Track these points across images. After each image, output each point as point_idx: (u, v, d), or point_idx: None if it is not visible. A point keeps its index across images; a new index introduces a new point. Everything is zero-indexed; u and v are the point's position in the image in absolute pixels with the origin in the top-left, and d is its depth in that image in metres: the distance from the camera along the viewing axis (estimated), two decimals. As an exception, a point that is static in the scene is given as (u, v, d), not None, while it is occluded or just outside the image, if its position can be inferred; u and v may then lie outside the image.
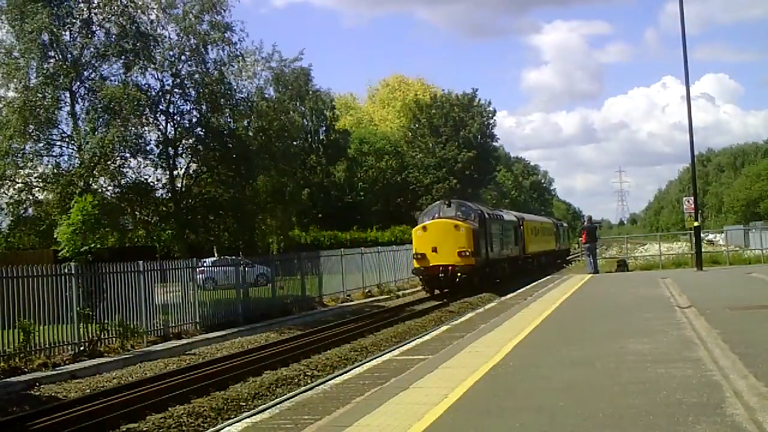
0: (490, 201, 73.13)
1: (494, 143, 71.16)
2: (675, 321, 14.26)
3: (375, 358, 15.97)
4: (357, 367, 15.18)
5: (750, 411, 7.07)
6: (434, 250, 33.83)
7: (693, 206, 33.37)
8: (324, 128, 59.74)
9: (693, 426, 6.74)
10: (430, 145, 63.82)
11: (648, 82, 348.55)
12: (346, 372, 14.68)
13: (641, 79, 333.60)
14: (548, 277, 35.71)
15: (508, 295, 26.77)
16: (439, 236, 34.07)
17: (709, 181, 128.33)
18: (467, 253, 33.69)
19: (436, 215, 35.67)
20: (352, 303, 32.56)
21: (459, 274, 33.59)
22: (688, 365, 9.63)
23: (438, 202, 38.84)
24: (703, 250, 33.41)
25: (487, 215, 37.75)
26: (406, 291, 38.11)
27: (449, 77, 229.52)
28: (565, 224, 68.01)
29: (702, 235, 36.67)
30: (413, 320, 26.67)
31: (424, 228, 34.70)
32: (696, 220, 32.46)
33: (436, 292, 34.44)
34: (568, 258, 58.04)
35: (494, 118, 69.08)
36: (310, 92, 52.84)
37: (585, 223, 37.96)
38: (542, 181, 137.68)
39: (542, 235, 52.49)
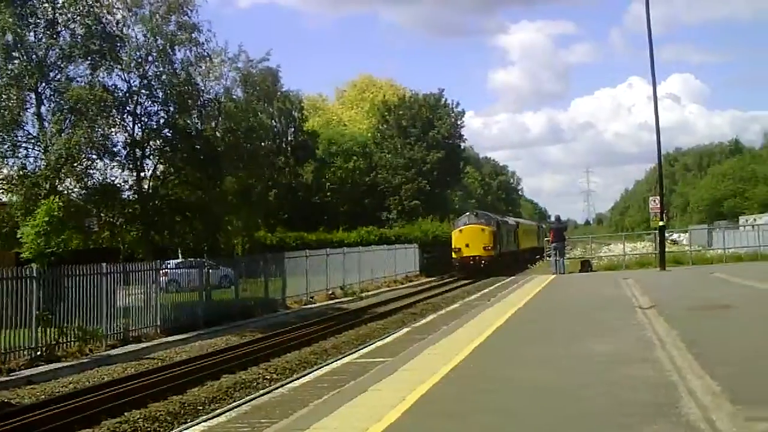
0: (456, 202, 73.40)
1: (462, 144, 71.45)
2: (636, 322, 14.35)
3: (335, 361, 16.01)
4: (316, 370, 15.24)
5: (704, 410, 7.17)
6: (467, 246, 49.38)
7: (659, 206, 33.59)
8: (292, 129, 59.68)
9: (649, 425, 6.80)
10: (399, 146, 63.75)
11: (614, 82, 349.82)
12: (305, 375, 14.74)
13: (607, 79, 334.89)
14: (513, 277, 36.35)
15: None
16: (470, 236, 49.66)
17: (675, 181, 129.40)
18: (489, 248, 49.35)
19: (467, 222, 51.14)
20: (315, 305, 32.60)
21: (483, 262, 48.62)
22: (647, 366, 9.70)
23: (467, 213, 54.53)
24: (667, 250, 33.94)
25: (500, 221, 54.89)
26: (369, 293, 38.18)
27: (417, 78, 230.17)
28: (544, 225, 70.73)
29: (666, 234, 36.93)
30: (375, 322, 26.77)
31: (461, 231, 50.50)
32: (661, 220, 32.67)
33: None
34: (545, 252, 60.97)
35: (462, 118, 69.44)
36: (279, 93, 52.82)
37: (553, 223, 38.99)
38: (510, 181, 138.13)
39: (529, 234, 67.92)
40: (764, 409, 7.07)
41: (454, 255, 50.03)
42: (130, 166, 29.57)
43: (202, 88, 31.32)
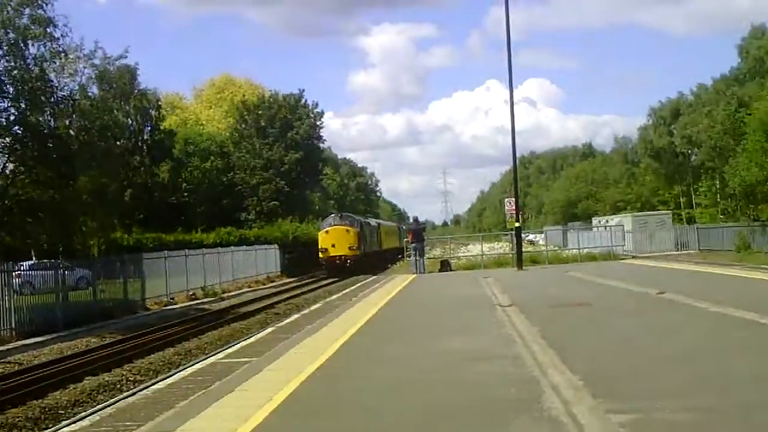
0: (316, 203, 73.49)
1: (321, 145, 71.41)
2: (496, 319, 14.51)
3: (199, 362, 15.77)
4: (181, 371, 14.99)
5: (566, 404, 7.31)
6: (333, 246, 51.11)
7: (514, 207, 34.45)
8: (149, 128, 58.16)
9: (512, 420, 6.92)
10: (257, 146, 63.27)
11: (472, 85, 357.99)
12: (169, 376, 14.50)
13: (466, 82, 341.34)
14: (374, 277, 36.78)
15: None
16: (336, 237, 51.49)
17: (530, 183, 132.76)
18: (354, 248, 51.47)
19: (332, 223, 53.01)
20: (176, 306, 32.13)
21: (349, 262, 50.67)
22: (508, 362, 9.83)
23: (333, 214, 57.12)
24: (523, 250, 34.47)
25: (363, 223, 57.59)
26: (231, 294, 37.88)
27: (277, 78, 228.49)
28: (404, 226, 71.74)
29: (523, 235, 37.83)
30: (238, 323, 26.61)
31: (327, 232, 52.27)
32: (517, 221, 33.48)
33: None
34: (406, 253, 62.08)
35: (322, 119, 69.47)
36: (136, 91, 51.54)
37: (411, 224, 39.09)
38: (368, 182, 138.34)
39: (391, 235, 70.48)
40: (623, 401, 7.31)
41: (321, 255, 51.81)
42: (-23, 164, 28.52)
43: (56, 84, 30.14)
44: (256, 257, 47.34)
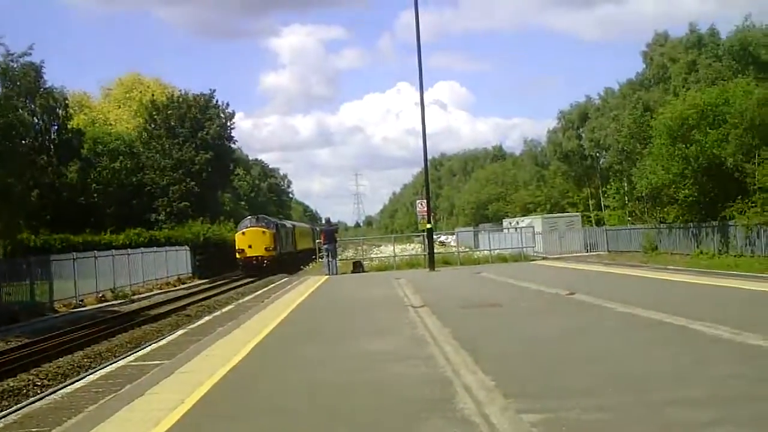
0: (227, 204, 72.86)
1: (232, 145, 70.77)
2: (409, 320, 14.58)
3: (109, 365, 15.56)
4: (90, 374, 14.76)
5: (478, 405, 7.39)
6: (250, 247, 52.80)
7: (426, 209, 34.69)
8: (56, 127, 56.58)
9: (425, 421, 6.96)
10: (167, 146, 62.30)
11: (383, 88, 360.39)
12: (78, 380, 14.27)
13: (376, 84, 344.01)
14: (287, 278, 36.80)
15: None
16: (252, 238, 53.12)
17: (441, 185, 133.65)
18: (270, 249, 53.24)
19: (249, 225, 54.86)
20: (85, 308, 31.43)
21: (265, 262, 52.35)
22: (421, 363, 9.88)
23: (249, 216, 59.54)
24: (435, 251, 34.80)
25: (278, 224, 59.72)
26: (141, 295, 37.34)
27: (187, 78, 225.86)
28: (318, 228, 71.96)
29: (434, 236, 38.11)
30: (149, 325, 26.24)
31: (243, 233, 53.79)
32: (429, 222, 33.71)
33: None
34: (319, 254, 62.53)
35: (232, 120, 68.72)
36: (41, 89, 50.18)
37: (323, 225, 39.33)
38: (280, 183, 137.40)
39: (305, 236, 72.10)
40: (534, 401, 7.41)
41: (238, 255, 53.29)
42: None
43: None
44: (167, 258, 46.79)
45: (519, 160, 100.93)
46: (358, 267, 37.01)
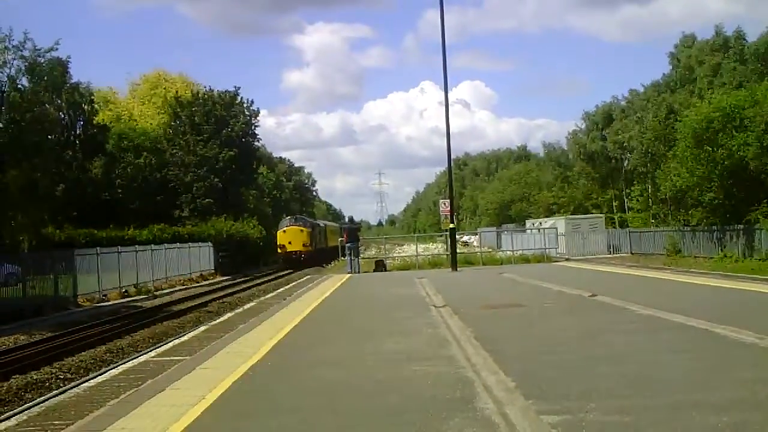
0: (251, 201, 72.87)
1: (256, 143, 71.47)
2: (430, 320, 14.51)
3: (131, 360, 15.51)
4: (112, 369, 14.73)
5: (499, 405, 7.38)
6: (290, 243, 61.82)
7: (449, 208, 34.59)
8: (81, 122, 57.02)
9: (446, 421, 6.94)
10: (191, 143, 62.82)
11: (407, 86, 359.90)
12: (100, 374, 14.27)
13: (400, 83, 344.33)
14: (308, 276, 36.68)
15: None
16: (292, 236, 62.17)
17: (464, 185, 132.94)
18: (307, 245, 62.53)
19: (289, 224, 63.83)
20: (108, 303, 31.79)
21: (303, 256, 60.85)
22: (443, 363, 9.85)
23: (289, 217, 68.56)
24: (458, 251, 34.52)
25: (313, 224, 71.14)
26: (164, 291, 37.57)
27: (211, 75, 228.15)
28: (341, 226, 73.08)
29: (457, 236, 38.04)
30: (171, 321, 26.43)
31: (284, 231, 63.01)
32: (452, 222, 33.67)
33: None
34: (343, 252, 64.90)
35: (257, 117, 68.95)
36: (67, 84, 50.68)
37: (346, 224, 40.03)
38: (305, 181, 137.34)
39: (335, 234, 73.63)
40: (554, 402, 7.38)
41: (279, 250, 62.94)
42: None
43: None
44: (190, 255, 47.08)
45: (543, 161, 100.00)
46: (380, 266, 37.03)
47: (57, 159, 43.57)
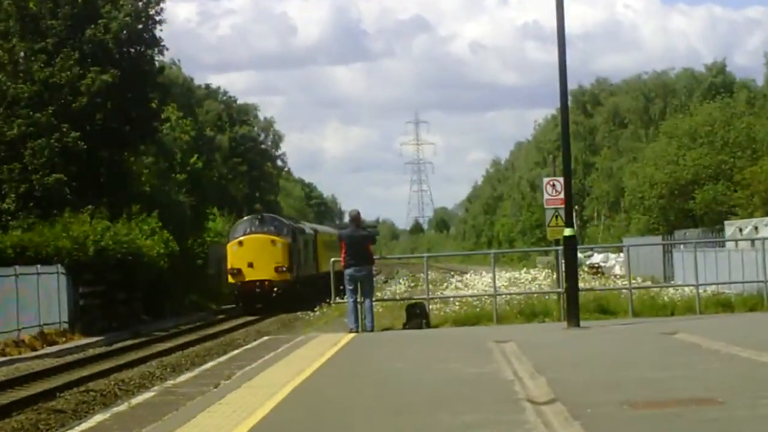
0: (148, 179, 72.94)
1: (158, 55, 71.99)
2: (522, 430, 14.21)
3: None
4: None
5: None
6: (250, 265, 65.91)
7: (562, 196, 34.01)
8: None
9: None
10: (18, 58, 63.85)
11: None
12: None
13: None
14: (268, 334, 40.31)
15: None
16: (255, 251, 66.85)
17: (595, 146, 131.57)
18: (283, 269, 66.71)
19: (249, 230, 68.92)
20: None
21: (276, 290, 65.25)
22: None
23: (248, 217, 74.34)
24: (581, 285, 34.75)
25: (295, 229, 73.65)
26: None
27: None
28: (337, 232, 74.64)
29: (581, 255, 37.59)
30: None
31: (240, 242, 67.69)
32: (569, 225, 32.80)
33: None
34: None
35: (160, 4, 69.39)
36: None
37: (346, 227, 40.07)
38: (260, 137, 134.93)
39: (331, 248, 73.15)
40: None
41: (231, 279, 68.19)
42: None
43: None
44: (18, 292, 47.21)
45: (759, 97, 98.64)
46: (416, 316, 36.69)
47: None
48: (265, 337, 37.72)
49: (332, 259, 41.10)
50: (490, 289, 40.06)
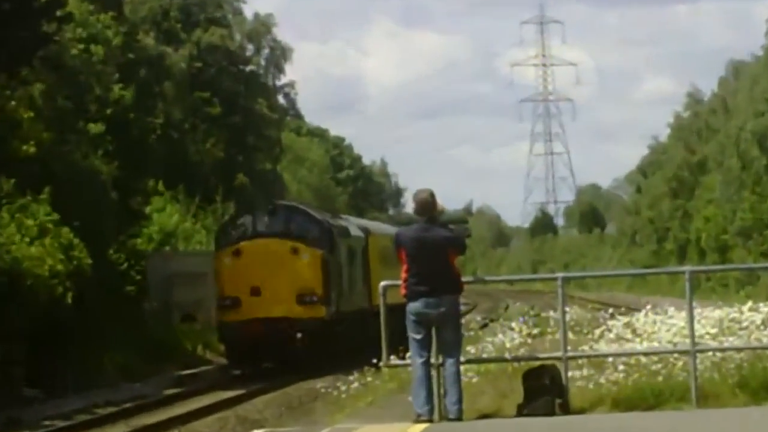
0: (31, 124, 60.66)
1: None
2: None
3: None
4: None
5: None
6: (255, 291, 49.97)
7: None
8: None
9: None
10: None
11: None
12: None
13: None
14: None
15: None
16: (263, 265, 50.45)
17: None
18: (313, 298, 50.13)
19: (252, 231, 53.23)
20: None
21: (300, 335, 48.80)
22: None
23: (245, 210, 61.39)
24: None
25: (332, 228, 54.84)
26: None
27: None
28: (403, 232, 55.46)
29: None
30: None
31: (237, 252, 51.29)
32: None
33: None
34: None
35: None
36: None
37: (412, 224, 24.76)
38: (257, 69, 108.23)
39: (389, 263, 53.03)
40: None
41: (221, 315, 51.14)
42: None
43: None
44: None
45: None
46: (543, 392, 23.62)
47: None
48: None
49: (382, 283, 25.94)
50: (684, 341, 26.53)
